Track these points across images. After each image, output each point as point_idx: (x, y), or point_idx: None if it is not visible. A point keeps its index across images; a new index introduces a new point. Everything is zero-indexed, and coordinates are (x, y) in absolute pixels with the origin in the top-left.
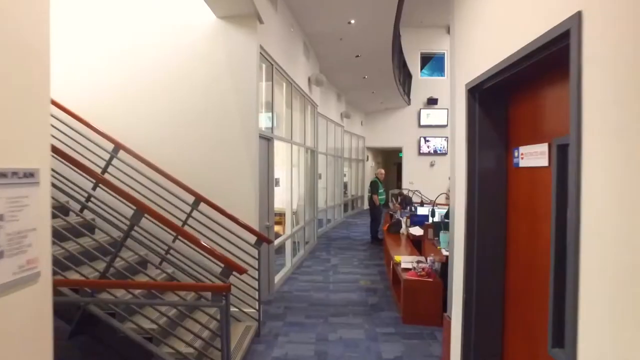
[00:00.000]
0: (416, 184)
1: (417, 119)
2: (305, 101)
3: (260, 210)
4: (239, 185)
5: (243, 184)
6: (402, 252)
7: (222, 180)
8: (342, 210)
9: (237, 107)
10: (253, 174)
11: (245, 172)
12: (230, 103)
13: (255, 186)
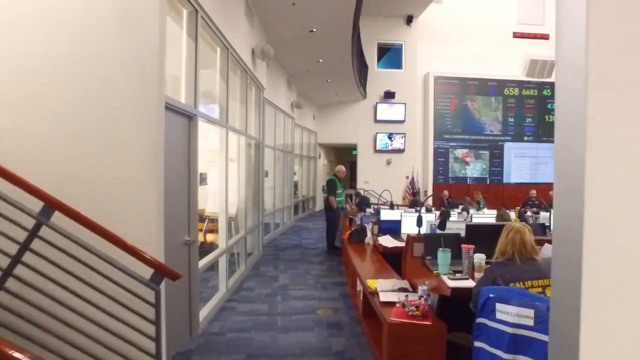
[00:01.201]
0: (372, 183)
1: (374, 113)
2: (249, 79)
3: (171, 221)
4: (126, 182)
5: (132, 180)
6: (373, 270)
7: (95, 174)
8: (293, 213)
9: (127, 61)
10: (152, 164)
11: (138, 162)
12: (113, 54)
13: (156, 183)
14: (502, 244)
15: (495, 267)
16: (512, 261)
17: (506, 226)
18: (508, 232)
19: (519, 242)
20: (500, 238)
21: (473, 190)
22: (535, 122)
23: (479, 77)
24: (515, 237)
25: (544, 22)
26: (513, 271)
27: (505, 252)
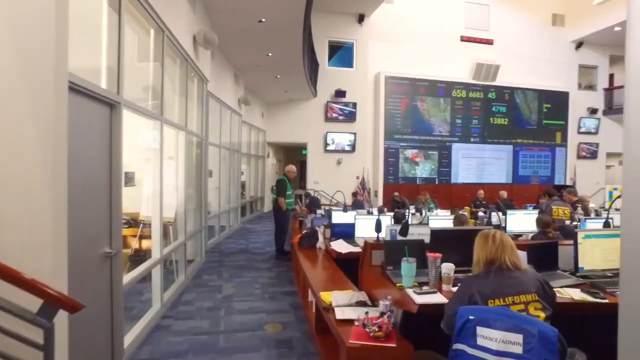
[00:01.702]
0: (322, 183)
1: (324, 112)
2: (189, 69)
3: (85, 231)
4: (8, 183)
5: (19, 181)
6: (326, 280)
7: None
8: (240, 215)
9: (9, 22)
10: (50, 160)
11: (28, 157)
12: None
13: (55, 185)
14: (481, 254)
15: (472, 281)
16: (490, 274)
17: (482, 233)
18: (486, 239)
19: (500, 251)
20: (477, 246)
21: (422, 191)
22: (481, 124)
23: (429, 79)
24: (496, 245)
25: (489, 27)
26: (492, 285)
27: (484, 263)
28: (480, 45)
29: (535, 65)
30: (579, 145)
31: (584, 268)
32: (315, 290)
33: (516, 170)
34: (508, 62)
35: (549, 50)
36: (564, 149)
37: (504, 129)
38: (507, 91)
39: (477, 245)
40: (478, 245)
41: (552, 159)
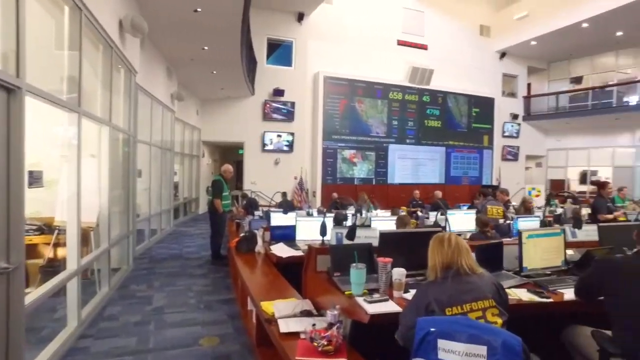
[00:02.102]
0: (259, 184)
1: (262, 111)
2: (115, 57)
3: None
4: None
5: None
6: (267, 287)
7: None
8: (172, 217)
9: None
10: None
11: None
12: None
13: None
14: (436, 259)
15: (428, 288)
16: (447, 279)
17: (437, 236)
18: (441, 243)
19: (457, 255)
20: (432, 251)
21: (360, 191)
22: (416, 126)
23: (367, 80)
24: (452, 249)
25: (424, 33)
26: (449, 292)
27: (441, 268)
28: (415, 49)
29: (466, 71)
30: (503, 148)
31: (527, 267)
32: (255, 300)
33: (448, 171)
34: (441, 67)
35: (477, 58)
36: (490, 151)
37: (437, 131)
38: (440, 95)
39: (432, 250)
40: (433, 249)
41: (480, 160)
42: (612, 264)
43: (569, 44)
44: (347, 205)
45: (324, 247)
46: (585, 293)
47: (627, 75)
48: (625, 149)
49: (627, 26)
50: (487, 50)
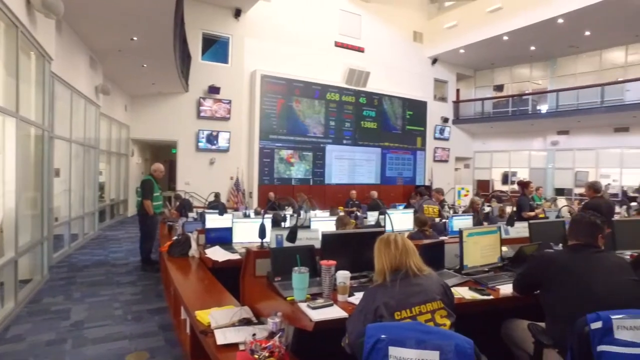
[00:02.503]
0: (193, 184)
1: (196, 109)
2: (22, 39)
3: None
4: None
5: None
6: (202, 294)
7: None
8: (97, 221)
9: None
10: None
11: None
12: None
13: None
14: (384, 261)
15: (376, 293)
16: (395, 282)
17: (382, 238)
18: (388, 245)
19: (405, 257)
20: (378, 254)
21: (297, 191)
22: (353, 127)
23: (304, 80)
24: (400, 250)
25: (361, 36)
26: (397, 295)
27: (390, 271)
28: (352, 52)
29: (400, 75)
30: (434, 150)
31: (468, 265)
32: (189, 308)
33: (384, 171)
34: (377, 70)
35: (410, 63)
36: (423, 152)
37: (373, 132)
38: (376, 97)
39: (379, 253)
40: (380, 252)
41: (414, 161)
42: (547, 259)
43: (492, 54)
44: (284, 206)
45: (264, 250)
46: (523, 288)
47: (539, 86)
48: (539, 152)
49: (538, 42)
50: (420, 55)
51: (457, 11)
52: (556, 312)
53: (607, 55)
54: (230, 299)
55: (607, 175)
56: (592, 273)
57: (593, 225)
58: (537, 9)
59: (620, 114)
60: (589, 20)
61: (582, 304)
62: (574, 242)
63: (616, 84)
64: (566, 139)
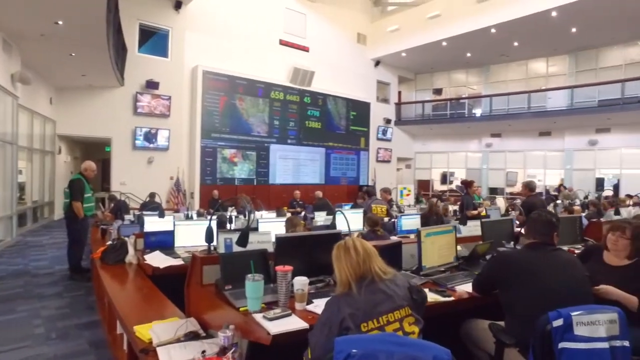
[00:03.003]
0: (130, 185)
1: (133, 104)
2: None
3: None
4: None
5: None
6: (141, 304)
7: None
8: (16, 225)
9: None
10: None
11: None
12: None
13: None
14: (347, 270)
15: (340, 303)
16: (360, 289)
17: (339, 245)
18: (348, 252)
19: (368, 262)
20: (339, 262)
21: (240, 192)
22: (297, 126)
23: (248, 78)
24: (361, 257)
25: (306, 35)
26: (363, 305)
27: (355, 280)
28: (297, 51)
29: (344, 75)
30: (377, 150)
31: (426, 266)
32: (126, 323)
33: (328, 171)
34: (322, 69)
35: (354, 64)
36: (367, 152)
37: (318, 132)
38: (320, 97)
39: (339, 261)
40: (340, 260)
41: (358, 161)
42: (506, 259)
43: (432, 59)
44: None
45: (212, 256)
46: (483, 288)
47: (474, 91)
48: (474, 153)
49: (473, 49)
50: (364, 57)
51: (399, 15)
52: (516, 311)
53: (532, 65)
54: (174, 310)
55: (533, 176)
56: (550, 271)
57: (549, 224)
58: (472, 18)
59: (543, 119)
60: (517, 32)
61: (542, 302)
62: (532, 241)
63: (539, 92)
64: (499, 141)
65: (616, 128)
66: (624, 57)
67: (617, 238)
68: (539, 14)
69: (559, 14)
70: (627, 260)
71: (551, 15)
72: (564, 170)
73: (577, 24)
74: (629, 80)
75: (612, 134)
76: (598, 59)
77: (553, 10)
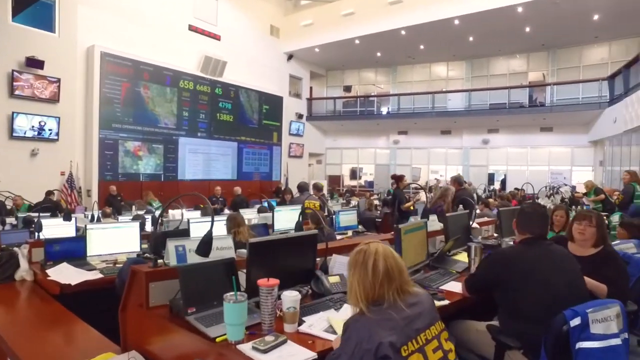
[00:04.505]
0: (6, 181)
1: (8, 84)
2: None
3: None
4: None
5: None
6: (49, 339)
7: None
8: None
9: None
10: None
11: None
12: None
13: None
14: (355, 287)
15: (369, 325)
16: (391, 308)
17: (359, 251)
18: (362, 266)
19: (385, 287)
20: (357, 274)
21: (146, 188)
22: (208, 118)
23: (154, 64)
24: (377, 278)
25: (217, 23)
26: (398, 326)
27: (362, 301)
28: (208, 38)
29: (257, 68)
30: (290, 145)
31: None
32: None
33: (240, 167)
34: (234, 60)
35: (267, 57)
36: (279, 147)
37: (230, 125)
38: (232, 89)
39: (351, 271)
40: (351, 271)
41: (271, 156)
42: (507, 258)
43: (344, 56)
44: (129, 205)
45: (162, 269)
46: (478, 288)
47: (382, 89)
48: (383, 150)
49: (384, 49)
50: (277, 50)
51: (313, 10)
52: (520, 311)
53: (435, 68)
54: (104, 343)
55: (436, 171)
56: (551, 267)
57: (544, 217)
58: (385, 18)
59: (445, 119)
60: (424, 36)
61: (548, 300)
62: (527, 236)
63: (441, 93)
64: (405, 139)
65: (503, 129)
66: (508, 67)
67: (584, 227)
68: (444, 21)
69: (461, 23)
70: (594, 249)
71: (454, 23)
72: (462, 167)
73: (474, 33)
74: (512, 88)
75: (500, 134)
76: (489, 67)
77: (456, 18)
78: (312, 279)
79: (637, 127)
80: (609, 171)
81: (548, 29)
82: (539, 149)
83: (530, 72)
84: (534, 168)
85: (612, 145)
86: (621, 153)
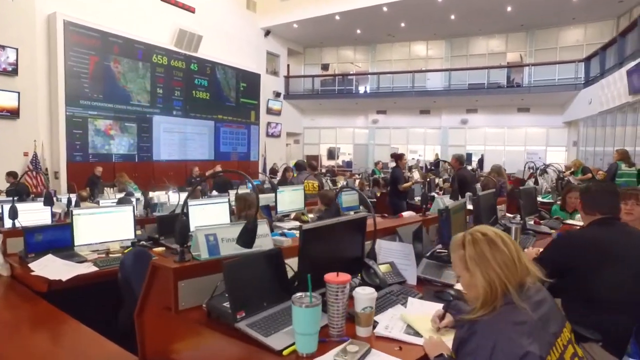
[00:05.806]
0: None
1: None
2: None
3: None
4: None
5: None
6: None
7: None
8: None
9: None
10: None
11: None
12: None
13: None
14: (493, 275)
15: (508, 332)
16: (524, 302)
17: (474, 238)
18: (491, 245)
19: (521, 261)
20: (480, 264)
21: (120, 169)
22: (183, 96)
23: (125, 36)
24: (515, 253)
25: None
26: (535, 331)
27: (505, 291)
28: (182, 11)
29: (234, 43)
30: (267, 124)
31: None
32: None
33: (218, 146)
34: (210, 35)
35: (244, 32)
36: (257, 127)
37: (206, 103)
38: (208, 65)
39: (484, 263)
40: (485, 261)
41: (248, 136)
42: (582, 241)
43: (322, 33)
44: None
45: (195, 264)
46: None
47: (360, 68)
48: (361, 129)
49: (364, 26)
50: (253, 25)
51: None
52: (598, 299)
53: (414, 47)
54: (111, 348)
55: (415, 151)
56: (634, 249)
57: (615, 195)
58: None
59: (424, 99)
60: (406, 13)
61: (633, 286)
62: (600, 217)
63: (421, 72)
64: (384, 118)
65: (482, 109)
66: (487, 47)
67: (631, 207)
68: None
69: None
70: None
71: None
72: (441, 147)
73: (456, 11)
74: (491, 68)
75: (479, 115)
76: (468, 47)
77: None
78: (363, 268)
79: (612, 109)
80: (582, 151)
81: (529, 8)
82: (516, 129)
83: (509, 53)
84: (510, 148)
85: (587, 126)
86: (595, 134)
